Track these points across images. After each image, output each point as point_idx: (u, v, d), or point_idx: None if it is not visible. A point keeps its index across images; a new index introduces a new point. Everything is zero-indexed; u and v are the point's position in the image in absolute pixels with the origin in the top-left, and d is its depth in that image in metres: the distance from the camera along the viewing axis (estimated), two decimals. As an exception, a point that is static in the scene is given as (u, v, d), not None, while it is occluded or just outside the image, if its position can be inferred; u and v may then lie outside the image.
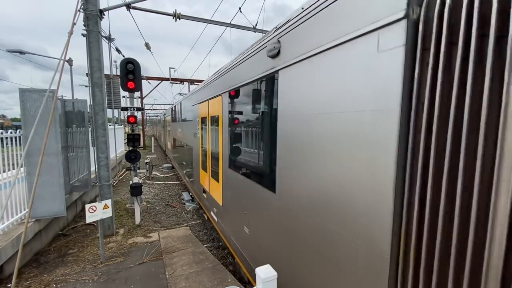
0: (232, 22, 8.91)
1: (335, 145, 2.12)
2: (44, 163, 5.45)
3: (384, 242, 1.73)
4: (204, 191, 7.20)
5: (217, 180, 5.76)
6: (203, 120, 7.12)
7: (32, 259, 5.46)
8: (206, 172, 6.90)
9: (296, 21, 2.61)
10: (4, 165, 5.04)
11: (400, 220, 1.68)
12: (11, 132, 5.21)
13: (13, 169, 5.25)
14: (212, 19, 8.68)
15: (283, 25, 2.87)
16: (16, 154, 5.36)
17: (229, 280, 4.26)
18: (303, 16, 2.50)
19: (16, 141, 5.39)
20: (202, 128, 7.31)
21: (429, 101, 1.50)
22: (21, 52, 14.27)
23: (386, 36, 1.67)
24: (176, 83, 23.65)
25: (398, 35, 1.59)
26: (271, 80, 3.22)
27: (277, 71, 2.98)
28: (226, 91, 4.96)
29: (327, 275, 2.26)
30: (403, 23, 1.56)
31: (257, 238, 3.71)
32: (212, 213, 6.44)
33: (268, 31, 4.30)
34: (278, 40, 2.92)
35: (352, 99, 1.93)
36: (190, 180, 9.56)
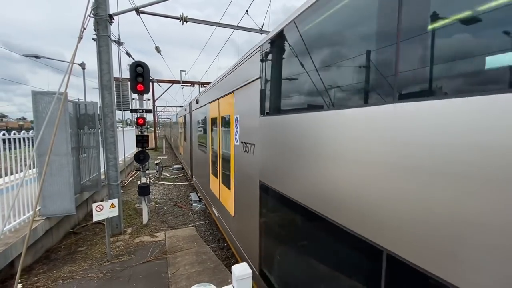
0: (239, 25, 8.99)
1: None
2: (55, 163, 5.65)
3: None
4: None
5: None
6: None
7: (43, 256, 5.65)
8: None
9: None
10: (16, 165, 5.25)
11: None
12: (23, 133, 5.43)
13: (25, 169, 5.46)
14: (220, 22, 8.79)
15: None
16: (29, 155, 5.58)
17: (229, 280, 4.26)
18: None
19: (29, 142, 5.61)
20: None
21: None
22: (36, 57, 14.88)
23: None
24: (187, 86, 23.99)
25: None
26: None
27: None
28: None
29: None
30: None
31: None
32: None
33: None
34: None
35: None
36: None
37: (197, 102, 9.75)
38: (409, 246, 1.55)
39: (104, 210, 5.21)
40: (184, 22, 7.48)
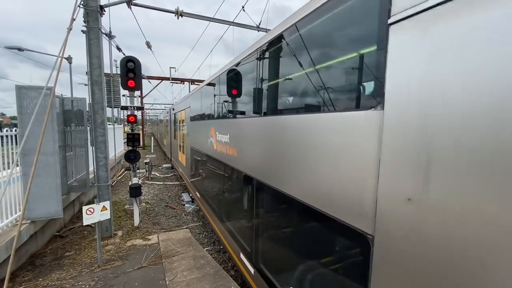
0: (235, 21, 8.77)
1: None
2: (40, 162, 5.28)
3: None
4: None
5: None
6: None
7: (27, 262, 5.29)
8: None
9: None
10: (-1, 164, 4.87)
11: None
12: (7, 130, 5.04)
13: (9, 168, 5.08)
14: (215, 17, 8.54)
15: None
16: (12, 153, 5.20)
17: (232, 287, 4.09)
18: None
19: (12, 139, 5.22)
20: None
21: None
22: (19, 49, 14.08)
23: None
24: (177, 83, 23.48)
25: None
26: None
27: None
28: None
29: None
30: None
31: None
32: None
33: (270, 30, 3.75)
34: None
35: None
36: None
37: (173, 109, 15.43)
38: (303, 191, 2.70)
39: (95, 213, 4.91)
40: (180, 17, 7.20)
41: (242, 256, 4.38)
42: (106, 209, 5.03)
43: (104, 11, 6.22)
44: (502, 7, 1.16)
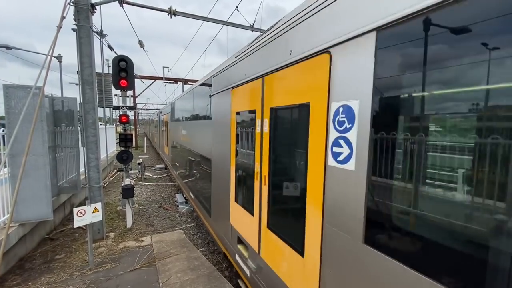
0: (229, 21, 8.74)
1: None
2: (29, 163, 5.15)
3: None
4: None
5: None
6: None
7: (16, 265, 5.15)
8: None
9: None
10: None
11: None
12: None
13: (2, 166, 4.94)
14: (209, 17, 8.49)
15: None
16: (0, 154, 5.06)
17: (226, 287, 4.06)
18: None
19: (0, 140, 5.08)
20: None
21: None
22: (7, 48, 13.75)
23: None
24: (170, 83, 23.30)
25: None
26: None
27: None
28: None
29: None
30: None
31: None
32: None
33: (265, 30, 3.77)
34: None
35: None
36: None
37: (161, 113, 19.17)
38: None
39: (87, 215, 4.81)
40: (173, 16, 7.12)
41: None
42: (98, 211, 4.94)
43: (95, 9, 6.12)
44: None
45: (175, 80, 22.89)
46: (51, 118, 6.41)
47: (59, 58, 14.85)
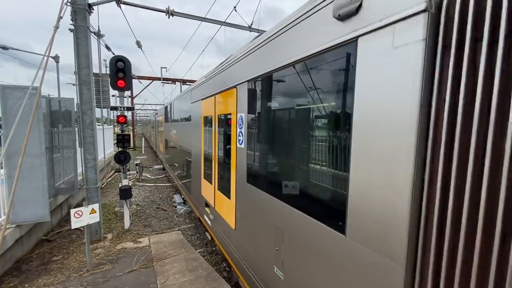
0: (227, 21, 8.72)
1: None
2: (26, 164, 5.12)
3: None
4: None
5: None
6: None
7: (13, 267, 5.12)
8: None
9: None
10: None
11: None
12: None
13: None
14: (207, 17, 8.47)
15: None
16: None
17: (225, 289, 4.05)
18: None
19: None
20: None
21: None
22: (4, 48, 13.66)
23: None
24: (168, 83, 23.25)
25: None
26: None
27: None
28: None
29: None
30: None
31: None
32: None
33: (264, 31, 4.51)
34: None
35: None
36: None
37: (156, 114, 21.02)
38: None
39: (84, 216, 4.79)
40: (171, 16, 7.11)
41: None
42: (95, 212, 4.91)
43: (93, 9, 6.09)
44: None
45: (173, 81, 22.85)
46: (48, 119, 6.37)
47: (56, 58, 14.77)
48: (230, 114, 4.20)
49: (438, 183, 1.44)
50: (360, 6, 1.81)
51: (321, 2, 2.16)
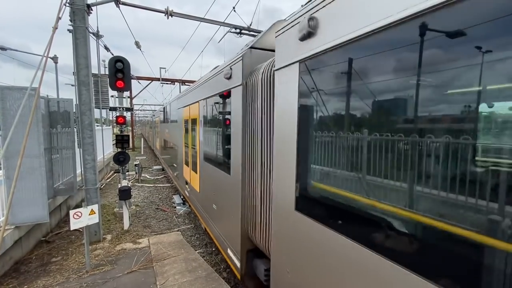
0: (226, 22, 8.72)
1: None
2: (25, 165, 5.11)
3: None
4: None
5: None
6: None
7: (12, 269, 5.10)
8: None
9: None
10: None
11: None
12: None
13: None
14: (206, 18, 8.47)
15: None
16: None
17: (225, 290, 4.04)
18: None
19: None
20: None
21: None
22: (2, 48, 13.63)
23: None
24: (167, 83, 23.23)
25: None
26: None
27: None
28: None
29: None
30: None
31: None
32: None
33: (262, 31, 5.07)
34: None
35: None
36: None
37: (153, 116, 24.34)
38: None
39: (83, 217, 4.77)
40: (170, 16, 7.10)
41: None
42: (95, 213, 4.90)
43: (91, 10, 6.08)
44: None
45: (172, 81, 22.84)
46: (47, 120, 6.35)
47: (54, 59, 14.74)
48: (196, 118, 6.59)
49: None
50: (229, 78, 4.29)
51: (218, 71, 4.91)
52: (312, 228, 2.21)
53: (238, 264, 3.96)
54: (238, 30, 8.52)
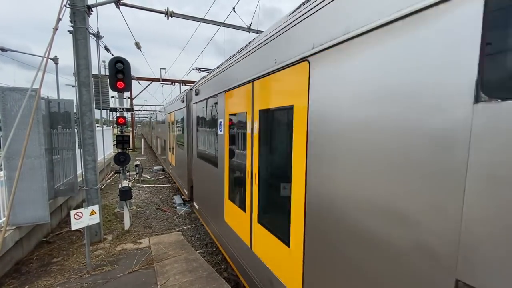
0: (225, 22, 8.73)
1: None
2: (26, 166, 5.12)
3: None
4: None
5: None
6: None
7: (13, 269, 5.11)
8: None
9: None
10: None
11: None
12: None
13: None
14: (206, 18, 8.48)
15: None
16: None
17: (225, 289, 4.05)
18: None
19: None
20: None
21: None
22: (3, 50, 13.66)
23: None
24: (167, 84, 23.26)
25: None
26: None
27: None
28: None
29: None
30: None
31: None
32: None
33: (262, 31, 5.14)
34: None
35: None
36: None
37: (151, 117, 29.58)
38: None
39: (84, 217, 4.79)
40: (170, 17, 7.12)
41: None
42: (95, 213, 4.92)
43: (92, 11, 6.09)
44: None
45: (172, 81, 22.86)
46: (48, 120, 6.37)
47: (55, 60, 14.77)
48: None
49: None
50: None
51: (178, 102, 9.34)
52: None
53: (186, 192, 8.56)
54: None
